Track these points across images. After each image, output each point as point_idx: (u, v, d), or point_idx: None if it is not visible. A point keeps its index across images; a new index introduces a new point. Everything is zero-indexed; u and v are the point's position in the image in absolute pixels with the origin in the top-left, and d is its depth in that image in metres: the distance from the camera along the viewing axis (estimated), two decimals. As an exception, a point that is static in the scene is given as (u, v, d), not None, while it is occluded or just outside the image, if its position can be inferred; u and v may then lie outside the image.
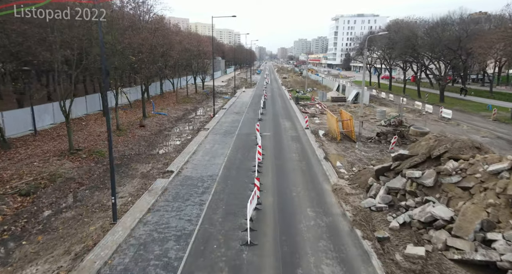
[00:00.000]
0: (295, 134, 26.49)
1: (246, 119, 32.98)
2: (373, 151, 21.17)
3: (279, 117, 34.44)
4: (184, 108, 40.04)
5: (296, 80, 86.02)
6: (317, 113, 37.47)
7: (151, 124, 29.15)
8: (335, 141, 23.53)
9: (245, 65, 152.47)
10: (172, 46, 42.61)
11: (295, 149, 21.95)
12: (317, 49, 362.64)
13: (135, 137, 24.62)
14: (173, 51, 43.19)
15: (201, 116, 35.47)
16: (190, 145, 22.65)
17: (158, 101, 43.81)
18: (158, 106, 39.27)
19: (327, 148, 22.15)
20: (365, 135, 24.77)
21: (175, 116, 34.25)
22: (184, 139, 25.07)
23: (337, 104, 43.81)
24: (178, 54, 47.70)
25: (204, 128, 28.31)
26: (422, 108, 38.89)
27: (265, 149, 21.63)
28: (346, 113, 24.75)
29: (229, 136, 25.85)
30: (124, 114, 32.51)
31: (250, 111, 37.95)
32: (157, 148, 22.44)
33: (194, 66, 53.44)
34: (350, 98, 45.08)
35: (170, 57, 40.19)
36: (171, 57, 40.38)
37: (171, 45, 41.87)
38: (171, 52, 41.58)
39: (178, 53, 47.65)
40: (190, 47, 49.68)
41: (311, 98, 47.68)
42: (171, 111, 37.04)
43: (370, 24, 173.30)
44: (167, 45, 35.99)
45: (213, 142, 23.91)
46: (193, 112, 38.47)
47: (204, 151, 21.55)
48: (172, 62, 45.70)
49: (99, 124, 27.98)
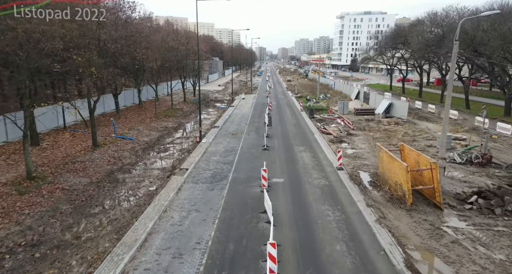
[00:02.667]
0: (325, 182, 16.36)
1: (245, 147, 22.87)
2: (491, 237, 11.02)
3: (293, 143, 24.26)
4: (163, 126, 29.87)
5: (302, 84, 75.67)
6: (343, 134, 27.36)
7: (99, 161, 19.05)
8: (401, 203, 13.43)
9: (245, 66, 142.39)
10: (149, 44, 32.77)
11: (337, 230, 11.81)
12: (319, 49, 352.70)
13: (55, 191, 14.50)
14: (150, 50, 33.36)
15: (183, 141, 25.32)
16: (144, 218, 12.51)
17: (132, 116, 33.69)
18: (126, 125, 29.14)
19: (392, 222, 12.05)
20: (447, 189, 14.63)
21: (144, 142, 24.10)
22: (142, 195, 15.00)
23: (364, 118, 33.70)
24: (160, 54, 37.82)
25: (181, 168, 18.20)
26: (478, 123, 28.82)
27: (280, 223, 11.64)
28: (420, 156, 14.28)
29: (217, 186, 15.80)
30: (67, 141, 22.41)
31: (252, 132, 27.82)
32: (83, 222, 12.34)
33: (182, 68, 43.39)
34: (380, 111, 34.92)
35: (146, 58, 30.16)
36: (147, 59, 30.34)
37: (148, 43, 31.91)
38: (148, 51, 31.62)
39: (160, 53, 37.77)
40: (176, 46, 39.66)
41: (328, 110, 37.51)
42: (142, 132, 26.89)
43: (377, 22, 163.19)
44: (136, 42, 25.90)
45: (188, 205, 13.81)
46: (173, 133, 28.30)
47: (165, 236, 11.42)
48: (151, 64, 35.83)
49: (10, 164, 17.82)
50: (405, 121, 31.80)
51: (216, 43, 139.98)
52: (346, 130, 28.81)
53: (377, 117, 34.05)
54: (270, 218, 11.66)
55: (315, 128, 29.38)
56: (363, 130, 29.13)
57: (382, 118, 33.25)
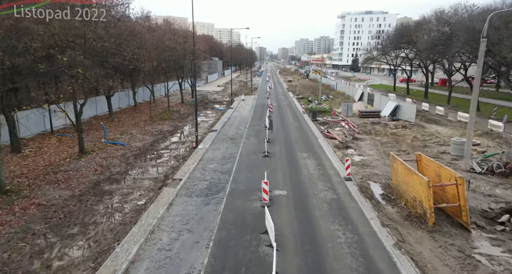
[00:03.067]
0: (332, 196, 14.72)
1: (245, 154, 21.26)
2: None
3: (296, 149, 22.62)
4: (158, 130, 28.26)
5: (303, 85, 74.02)
6: (348, 138, 25.75)
7: (85, 170, 17.44)
8: (421, 222, 11.80)
9: (245, 67, 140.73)
10: (143, 44, 31.21)
11: (350, 256, 10.18)
12: (319, 49, 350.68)
13: (29, 208, 12.88)
14: (145, 50, 31.80)
15: (179, 147, 23.72)
16: (128, 241, 10.88)
17: (126, 118, 32.08)
18: (119, 128, 27.54)
19: (413, 247, 10.41)
20: (471, 205, 12.99)
21: (137, 148, 22.48)
22: (128, 210, 13.40)
23: (369, 121, 32.09)
24: (157, 54, 36.26)
25: (174, 178, 16.59)
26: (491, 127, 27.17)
27: (283, 247, 10.03)
28: (442, 168, 12.52)
29: (213, 200, 14.18)
30: (53, 147, 20.79)
31: (251, 136, 26.21)
32: (56, 246, 10.72)
33: (179, 69, 41.74)
34: (386, 113, 33.29)
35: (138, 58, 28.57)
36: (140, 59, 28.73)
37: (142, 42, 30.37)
38: (142, 51, 30.03)
39: (156, 53, 36.21)
40: (173, 45, 38.04)
41: (331, 112, 35.88)
42: (135, 137, 25.28)
43: (379, 22, 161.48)
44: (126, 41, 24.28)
45: (179, 224, 12.18)
46: (169, 137, 26.69)
47: (150, 265, 9.78)
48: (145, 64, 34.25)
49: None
50: (413, 124, 30.16)
51: (216, 43, 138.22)
52: (351, 134, 27.20)
53: (383, 120, 32.42)
54: (272, 242, 10.07)
55: (319, 132, 27.77)
56: (369, 134, 27.53)
57: (388, 121, 31.62)
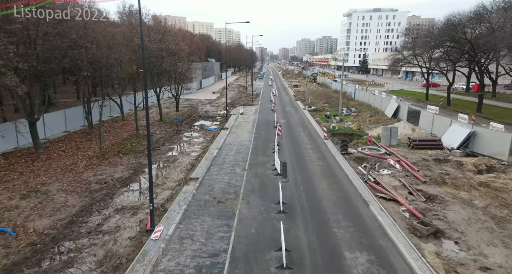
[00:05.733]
0: None
1: (241, 249, 10.50)
2: None
3: (338, 236, 11.90)
4: (102, 178, 17.43)
5: (313, 92, 62.51)
6: (417, 197, 15.08)
7: None
8: None
9: (245, 68, 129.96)
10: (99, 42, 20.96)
11: None
12: (321, 49, 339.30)
13: None
14: (99, 50, 21.50)
15: (120, 226, 12.91)
16: None
17: (60, 154, 21.37)
18: (35, 179, 16.72)
19: None
20: None
21: (30, 243, 11.72)
22: None
23: (429, 156, 21.33)
24: (121, 54, 25.82)
25: None
26: None
27: None
28: None
29: None
30: None
31: (254, 192, 15.45)
32: None
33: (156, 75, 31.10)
34: (454, 144, 22.47)
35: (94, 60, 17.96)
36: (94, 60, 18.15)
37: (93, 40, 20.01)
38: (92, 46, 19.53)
39: (121, 54, 25.79)
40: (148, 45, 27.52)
41: (367, 138, 25.05)
42: (51, 201, 14.52)
43: (388, 20, 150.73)
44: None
45: None
46: (116, 194, 15.85)
47: None
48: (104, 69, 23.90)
49: None
50: (506, 164, 19.44)
51: (214, 43, 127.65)
52: (411, 183, 16.59)
53: (451, 155, 21.70)
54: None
55: (361, 182, 17.09)
56: (443, 184, 16.91)
57: (460, 158, 20.90)
